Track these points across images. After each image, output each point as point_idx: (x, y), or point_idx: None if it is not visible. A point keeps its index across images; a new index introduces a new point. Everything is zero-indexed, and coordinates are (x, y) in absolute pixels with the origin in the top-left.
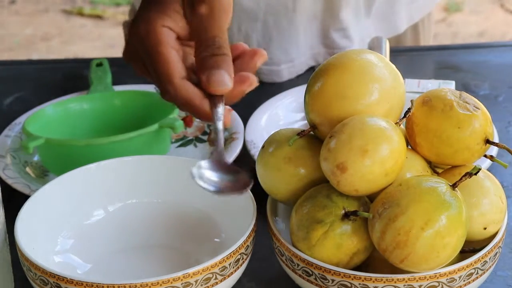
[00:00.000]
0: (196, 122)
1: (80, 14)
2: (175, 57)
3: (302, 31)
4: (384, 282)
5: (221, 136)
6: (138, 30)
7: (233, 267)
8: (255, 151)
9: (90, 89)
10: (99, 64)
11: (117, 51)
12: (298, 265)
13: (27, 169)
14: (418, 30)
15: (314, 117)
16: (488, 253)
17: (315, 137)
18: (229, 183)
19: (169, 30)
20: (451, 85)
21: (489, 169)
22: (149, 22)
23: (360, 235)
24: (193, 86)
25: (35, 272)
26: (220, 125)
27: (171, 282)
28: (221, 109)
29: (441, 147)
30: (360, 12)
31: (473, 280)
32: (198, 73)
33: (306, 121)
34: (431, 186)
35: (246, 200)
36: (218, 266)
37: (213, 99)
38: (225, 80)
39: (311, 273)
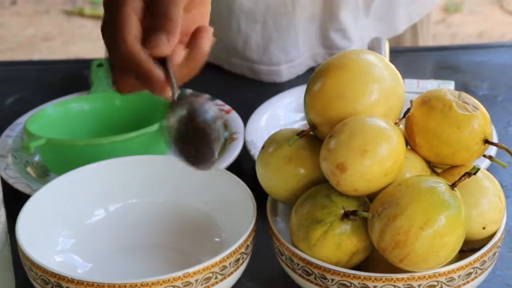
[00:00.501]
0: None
1: (81, 14)
2: (134, 20)
3: (301, 31)
4: (384, 281)
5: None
6: None
7: (233, 267)
8: (255, 151)
9: (91, 89)
10: (100, 65)
11: None
12: (298, 264)
13: (28, 169)
14: (417, 30)
15: (314, 117)
16: (487, 252)
17: (315, 137)
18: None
19: None
20: (450, 85)
21: (488, 169)
22: None
23: (359, 234)
24: (145, 50)
25: (36, 271)
26: (175, 93)
27: (172, 282)
28: (172, 76)
29: (440, 147)
30: (359, 13)
31: (472, 280)
32: (146, 33)
33: (306, 121)
34: (430, 186)
35: (246, 200)
36: (218, 265)
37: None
38: (164, 43)
39: (311, 272)
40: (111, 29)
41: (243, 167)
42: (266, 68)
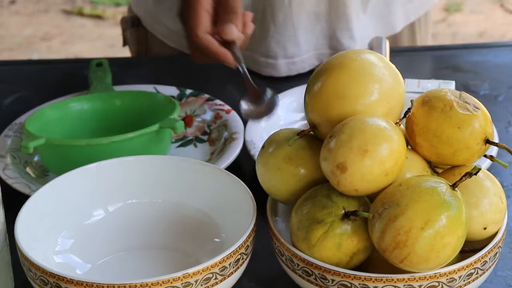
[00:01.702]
0: (196, 122)
1: (80, 14)
2: (205, 16)
3: (302, 28)
4: (384, 282)
5: (246, 73)
6: None
7: (233, 267)
8: (255, 151)
9: (90, 89)
10: (99, 64)
11: (117, 51)
12: (298, 265)
13: (27, 169)
14: (414, 29)
15: (314, 117)
16: (488, 253)
17: (315, 137)
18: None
19: None
20: (451, 85)
21: (489, 169)
22: None
23: (360, 235)
24: (213, 39)
25: (35, 272)
26: (243, 66)
27: (171, 282)
28: (238, 53)
29: (441, 147)
30: (359, 9)
31: (473, 280)
32: (218, 24)
33: (306, 121)
34: (431, 186)
35: (246, 200)
36: (218, 266)
37: (229, 47)
38: (234, 30)
39: (311, 273)
40: (188, 21)
41: (243, 167)
42: (264, 60)
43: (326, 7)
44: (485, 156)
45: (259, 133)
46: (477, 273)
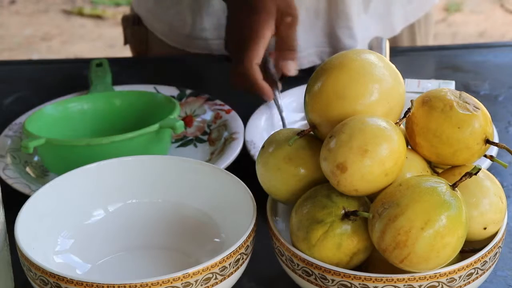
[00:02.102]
0: (196, 122)
1: (80, 14)
2: (263, 49)
3: (302, 25)
4: (384, 282)
5: (283, 118)
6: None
7: (233, 267)
8: (255, 151)
9: (90, 89)
10: (99, 64)
11: (117, 51)
12: (298, 265)
13: (27, 169)
14: (414, 31)
15: (314, 117)
16: (488, 253)
17: (315, 137)
18: None
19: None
20: (451, 85)
21: (489, 169)
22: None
23: (360, 235)
24: (260, 71)
25: (35, 272)
26: (281, 111)
27: (171, 282)
28: (278, 94)
29: (441, 147)
30: (360, 9)
31: (473, 280)
32: (278, 60)
33: (306, 121)
34: (431, 186)
35: (246, 200)
36: (218, 266)
37: (271, 82)
38: (293, 68)
39: (311, 273)
40: (243, 50)
41: (243, 167)
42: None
43: (325, 4)
44: (485, 156)
45: (259, 133)
46: (477, 273)
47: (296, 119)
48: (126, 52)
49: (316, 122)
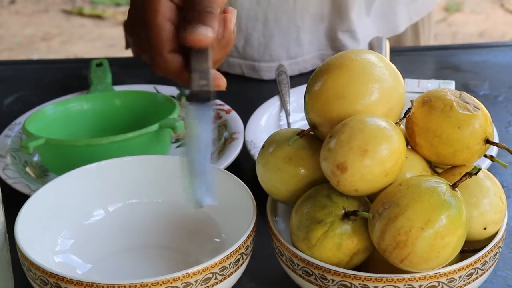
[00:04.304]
0: None
1: (80, 14)
2: (167, 30)
3: (306, 29)
4: (384, 282)
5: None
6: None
7: (233, 267)
8: (255, 151)
9: (90, 89)
10: (99, 64)
11: (117, 51)
12: (298, 265)
13: (27, 169)
14: (418, 30)
15: (314, 117)
16: (488, 253)
17: (315, 137)
18: None
19: (168, 0)
20: (451, 85)
21: (489, 169)
22: None
23: (360, 235)
24: (180, 58)
25: (35, 272)
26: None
27: (171, 282)
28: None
29: (441, 147)
30: (362, 11)
31: (473, 280)
32: (181, 32)
33: (306, 121)
34: (431, 186)
35: (246, 200)
36: (218, 266)
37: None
38: (205, 33)
39: (311, 273)
40: (146, 41)
41: (243, 167)
42: (266, 65)
43: (329, 9)
44: (485, 156)
45: (259, 133)
46: (477, 273)
47: (296, 119)
48: (126, 52)
49: (316, 122)
